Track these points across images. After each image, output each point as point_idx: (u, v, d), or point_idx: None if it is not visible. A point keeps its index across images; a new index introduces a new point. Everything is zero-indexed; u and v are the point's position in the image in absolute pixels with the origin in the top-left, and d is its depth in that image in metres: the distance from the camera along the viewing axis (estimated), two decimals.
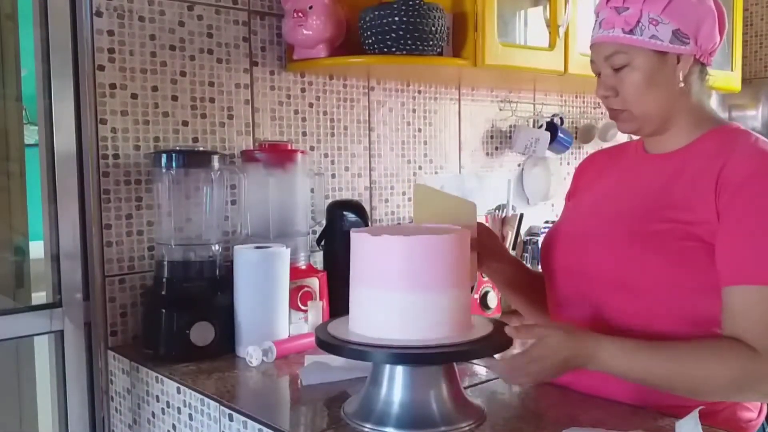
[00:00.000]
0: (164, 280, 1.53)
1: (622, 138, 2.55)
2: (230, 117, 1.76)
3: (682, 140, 1.21)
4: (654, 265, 1.13)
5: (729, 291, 1.07)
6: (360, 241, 1.10)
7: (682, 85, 1.18)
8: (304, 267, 1.68)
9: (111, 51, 1.57)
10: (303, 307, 1.59)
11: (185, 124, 1.68)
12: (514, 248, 2.21)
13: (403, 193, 2.13)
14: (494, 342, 1.08)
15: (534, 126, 2.43)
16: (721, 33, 1.20)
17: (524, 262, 2.26)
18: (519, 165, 2.46)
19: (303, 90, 1.89)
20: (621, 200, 1.24)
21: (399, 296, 1.05)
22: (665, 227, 1.13)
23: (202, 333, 1.46)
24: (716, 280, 1.09)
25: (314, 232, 1.81)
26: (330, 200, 1.88)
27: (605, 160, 1.39)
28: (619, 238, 1.18)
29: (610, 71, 1.18)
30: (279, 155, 1.67)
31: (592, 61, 1.23)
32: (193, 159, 1.57)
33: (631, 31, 1.14)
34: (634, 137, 1.30)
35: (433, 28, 1.68)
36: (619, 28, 1.15)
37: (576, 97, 2.60)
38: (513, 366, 1.10)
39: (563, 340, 1.08)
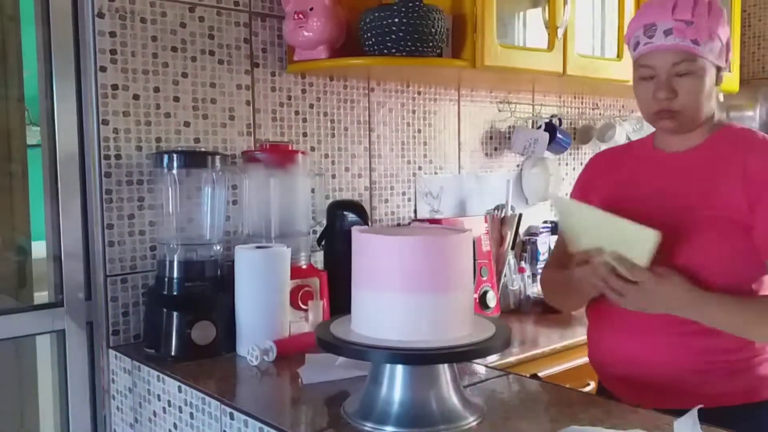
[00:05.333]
0: (166, 279, 1.53)
1: (619, 139, 2.56)
2: (231, 118, 1.76)
3: (696, 139, 1.36)
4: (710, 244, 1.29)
5: None
6: (362, 241, 1.10)
7: (720, 94, 1.34)
8: (304, 267, 1.68)
9: (113, 52, 1.58)
10: (303, 307, 1.60)
11: (187, 124, 1.69)
12: (513, 248, 2.22)
13: (403, 194, 2.14)
14: (493, 343, 1.09)
15: (533, 127, 2.44)
16: None
17: (523, 261, 2.27)
18: (518, 165, 2.47)
19: (304, 91, 1.90)
20: (662, 196, 1.35)
21: (400, 297, 1.06)
22: (705, 214, 1.29)
23: (203, 332, 1.48)
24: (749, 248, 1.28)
25: (315, 232, 1.82)
26: (330, 200, 1.89)
27: (618, 157, 1.51)
28: (681, 225, 1.30)
29: (673, 76, 1.30)
30: (280, 156, 1.68)
31: (646, 66, 1.32)
32: (195, 159, 1.58)
33: (700, 43, 1.28)
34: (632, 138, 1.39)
35: (433, 30, 1.69)
36: (689, 38, 1.27)
37: (574, 98, 2.60)
38: (630, 292, 1.24)
39: (678, 287, 1.24)
